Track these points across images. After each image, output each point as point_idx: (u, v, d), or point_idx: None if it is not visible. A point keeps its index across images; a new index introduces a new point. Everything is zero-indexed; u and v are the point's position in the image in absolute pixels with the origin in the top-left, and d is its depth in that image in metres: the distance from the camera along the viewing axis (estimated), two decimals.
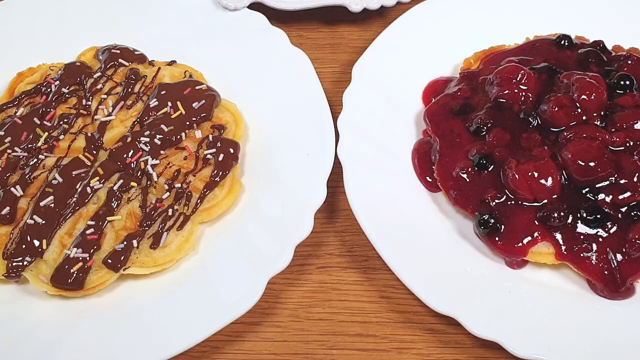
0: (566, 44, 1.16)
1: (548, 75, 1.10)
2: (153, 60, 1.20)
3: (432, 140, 1.09)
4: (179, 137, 1.07)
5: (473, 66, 1.18)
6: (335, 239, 1.06)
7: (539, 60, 1.14)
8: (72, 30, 1.26)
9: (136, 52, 1.19)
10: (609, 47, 1.17)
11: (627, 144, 1.00)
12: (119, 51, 1.18)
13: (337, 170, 1.05)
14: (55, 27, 1.26)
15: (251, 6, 1.25)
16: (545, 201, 0.98)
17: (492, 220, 0.97)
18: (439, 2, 1.25)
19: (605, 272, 0.94)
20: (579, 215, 0.96)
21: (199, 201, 1.02)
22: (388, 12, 1.30)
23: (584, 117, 1.03)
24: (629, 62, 1.11)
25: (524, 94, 1.07)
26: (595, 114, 1.03)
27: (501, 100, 1.07)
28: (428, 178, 1.07)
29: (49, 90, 1.14)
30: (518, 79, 1.08)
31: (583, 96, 1.03)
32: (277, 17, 1.28)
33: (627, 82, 1.07)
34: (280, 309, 0.99)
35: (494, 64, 1.14)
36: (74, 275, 0.94)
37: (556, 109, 1.03)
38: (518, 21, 1.23)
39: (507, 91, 1.07)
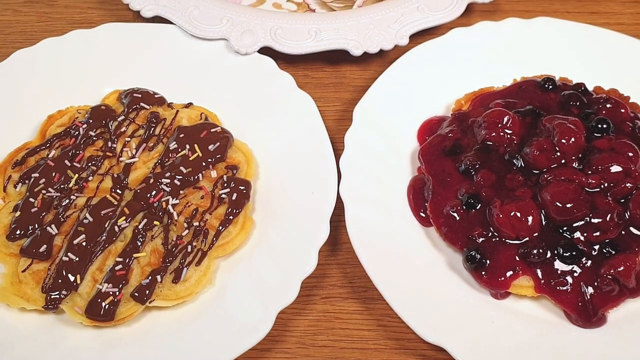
0: (550, 87, 1.24)
1: (532, 118, 1.18)
2: (172, 103, 1.30)
3: (426, 178, 1.18)
4: (196, 177, 1.17)
5: (464, 107, 1.26)
6: (337, 270, 1.15)
7: (524, 102, 1.22)
8: (95, 73, 1.34)
9: (156, 96, 1.29)
10: (591, 87, 1.25)
11: (602, 185, 1.08)
12: (140, 95, 1.28)
13: (340, 205, 1.13)
14: (80, 71, 1.34)
15: (261, 50, 1.34)
16: (527, 239, 1.06)
17: (479, 256, 1.06)
18: (433, 45, 1.33)
19: (579, 303, 1.03)
20: (556, 252, 1.05)
21: (214, 238, 1.11)
22: (386, 53, 1.38)
23: (563, 160, 1.11)
24: (608, 105, 1.19)
25: (509, 137, 1.15)
26: (573, 157, 1.11)
27: (488, 142, 1.16)
28: (422, 213, 1.15)
29: (77, 133, 1.23)
30: (504, 122, 1.15)
31: (562, 140, 1.10)
32: (285, 58, 1.37)
33: (605, 126, 1.15)
34: (288, 337, 1.08)
35: (483, 106, 1.23)
36: (106, 308, 1.04)
37: (537, 152, 1.11)
38: (506, 63, 1.32)
39: (493, 134, 1.15)
